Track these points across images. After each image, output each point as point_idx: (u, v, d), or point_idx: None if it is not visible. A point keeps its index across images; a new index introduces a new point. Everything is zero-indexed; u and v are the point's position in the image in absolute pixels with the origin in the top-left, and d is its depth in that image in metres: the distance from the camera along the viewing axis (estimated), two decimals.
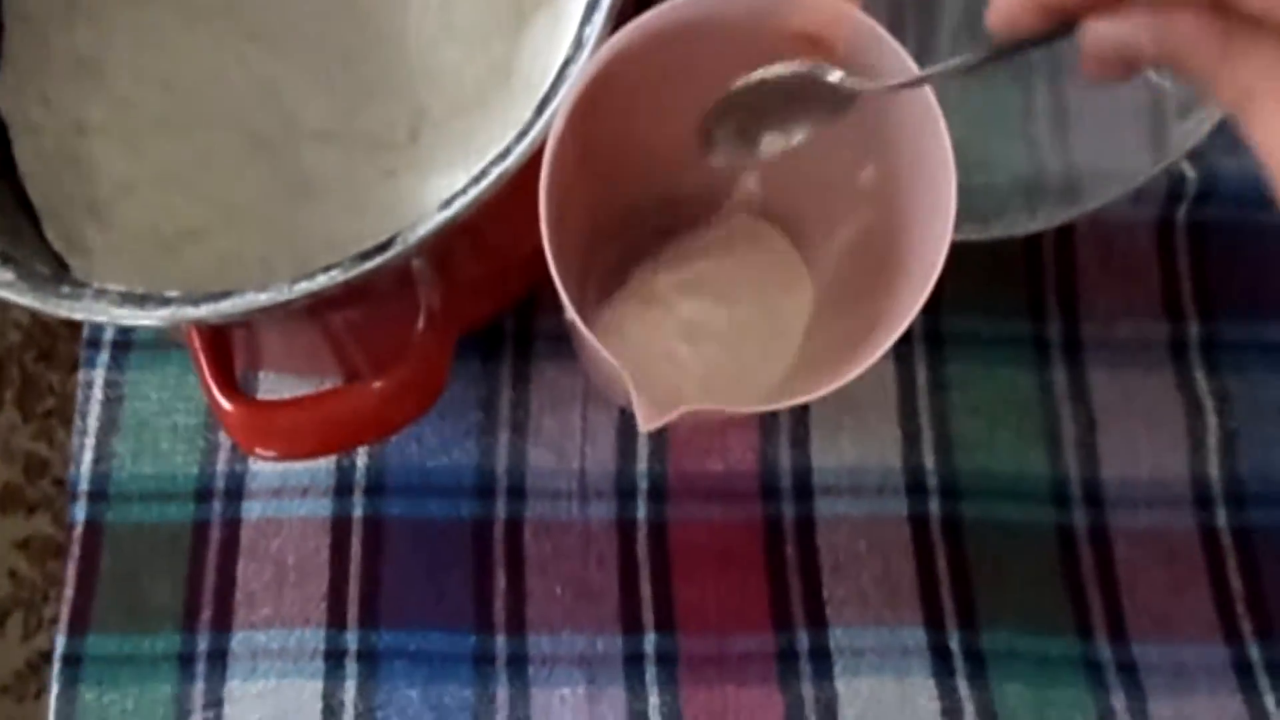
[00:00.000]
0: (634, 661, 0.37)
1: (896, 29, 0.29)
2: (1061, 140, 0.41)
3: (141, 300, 0.27)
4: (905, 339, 0.40)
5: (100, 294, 0.28)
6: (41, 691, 0.77)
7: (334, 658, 0.37)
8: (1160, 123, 0.39)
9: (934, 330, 0.40)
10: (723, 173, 0.37)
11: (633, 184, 0.37)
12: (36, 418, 0.81)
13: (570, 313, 0.27)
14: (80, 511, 0.39)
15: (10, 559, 0.78)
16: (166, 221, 0.37)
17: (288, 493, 0.39)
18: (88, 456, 0.40)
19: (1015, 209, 0.39)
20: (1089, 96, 0.41)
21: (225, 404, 0.29)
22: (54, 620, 0.84)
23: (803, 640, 0.37)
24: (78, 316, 0.27)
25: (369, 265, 0.27)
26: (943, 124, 0.28)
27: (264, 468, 0.39)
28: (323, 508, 0.39)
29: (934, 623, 0.37)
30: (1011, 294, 0.41)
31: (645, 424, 0.25)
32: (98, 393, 0.40)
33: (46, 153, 0.37)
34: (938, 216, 0.28)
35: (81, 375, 0.40)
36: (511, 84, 0.36)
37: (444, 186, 0.35)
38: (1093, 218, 0.40)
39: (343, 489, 0.39)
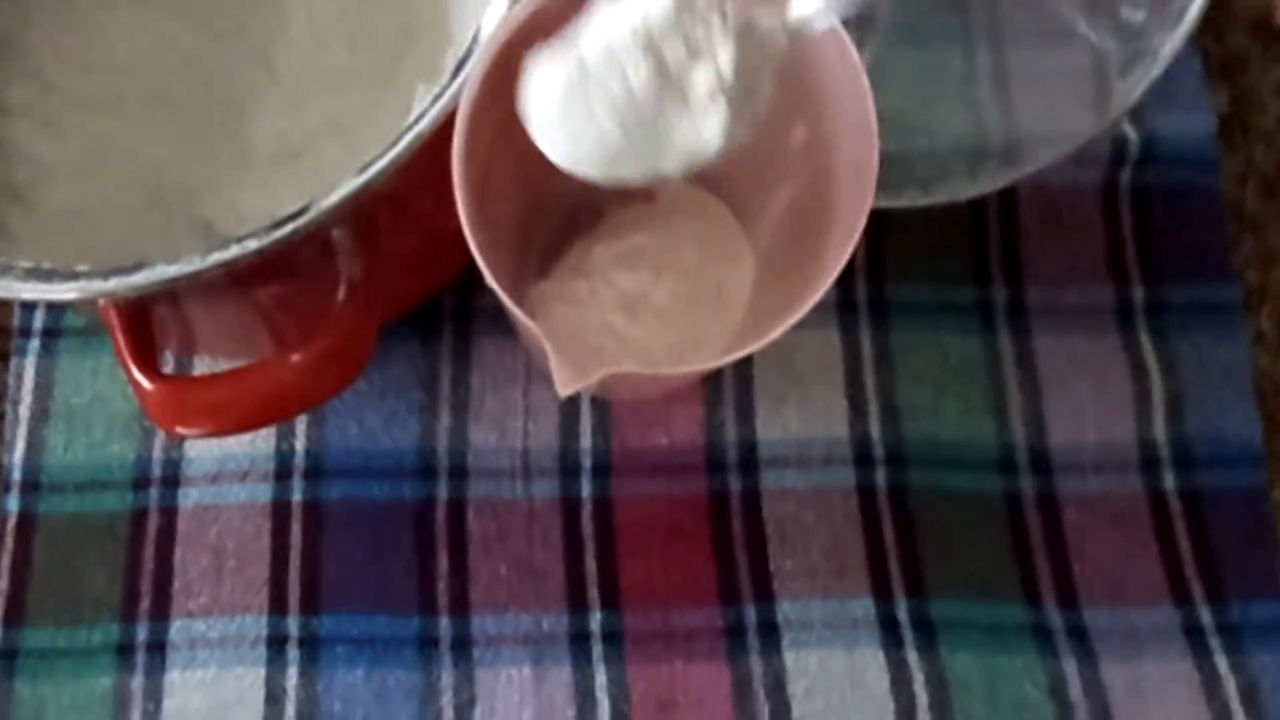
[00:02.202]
0: (580, 640, 0.37)
1: None
2: (1004, 104, 0.40)
3: (48, 275, 0.27)
4: (849, 308, 0.40)
5: (6, 269, 0.27)
6: None
7: (276, 644, 0.37)
8: (1103, 84, 0.39)
9: (879, 298, 0.40)
10: None
11: None
12: None
13: (489, 279, 0.27)
14: (13, 503, 0.38)
15: None
16: (91, 204, 0.36)
17: (226, 478, 0.38)
18: (19, 446, 0.39)
19: (958, 174, 0.38)
20: (1031, 59, 0.41)
21: (144, 382, 0.29)
22: None
23: (750, 614, 0.37)
24: None
25: (281, 233, 0.26)
26: (864, 77, 0.28)
27: (201, 453, 0.39)
28: (262, 493, 0.38)
29: (882, 594, 0.37)
30: (956, 261, 0.40)
31: (562, 387, 0.25)
32: (29, 381, 0.39)
33: None
34: (861, 172, 0.27)
35: (12, 364, 0.39)
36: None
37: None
38: (1036, 182, 0.40)
39: (282, 473, 0.38)
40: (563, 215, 0.39)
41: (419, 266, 0.36)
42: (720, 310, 0.36)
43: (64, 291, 0.27)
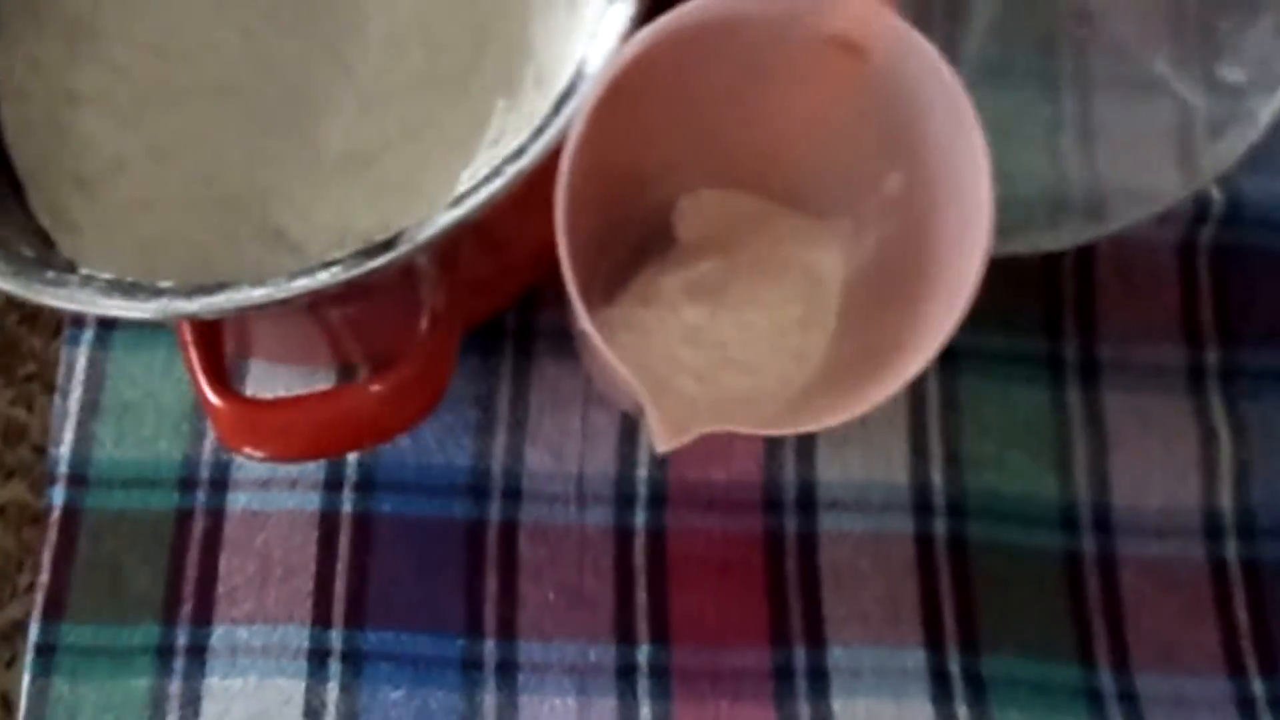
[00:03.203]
0: (626, 673, 0.36)
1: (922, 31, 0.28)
2: (1087, 154, 0.40)
3: (131, 290, 0.26)
4: None
5: (87, 281, 0.26)
6: (14, 660, 0.76)
7: (317, 657, 0.36)
8: (1190, 142, 0.38)
9: (948, 346, 0.39)
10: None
11: (648, 184, 0.36)
12: (17, 382, 0.79)
13: (584, 323, 0.26)
14: (58, 496, 0.38)
15: None
16: (157, 199, 0.35)
17: (275, 484, 0.38)
18: (68, 438, 0.38)
19: (1038, 224, 0.38)
20: (1117, 110, 0.40)
21: (215, 400, 0.28)
22: (29, 589, 0.83)
23: (800, 658, 0.36)
24: (62, 305, 0.26)
25: (372, 265, 0.26)
26: (979, 132, 0.27)
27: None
28: (311, 501, 0.38)
29: (935, 645, 0.36)
30: (1028, 311, 0.40)
31: (662, 445, 0.24)
32: (80, 373, 0.39)
33: (33, 120, 0.35)
34: (970, 233, 0.27)
35: (65, 352, 0.39)
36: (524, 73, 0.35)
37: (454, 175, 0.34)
38: (1114, 237, 0.39)
39: (332, 483, 0.38)
40: (634, 239, 0.38)
41: (489, 289, 0.36)
42: (795, 350, 0.35)
43: (145, 310, 0.26)
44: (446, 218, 0.26)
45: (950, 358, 0.39)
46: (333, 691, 0.36)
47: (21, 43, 0.35)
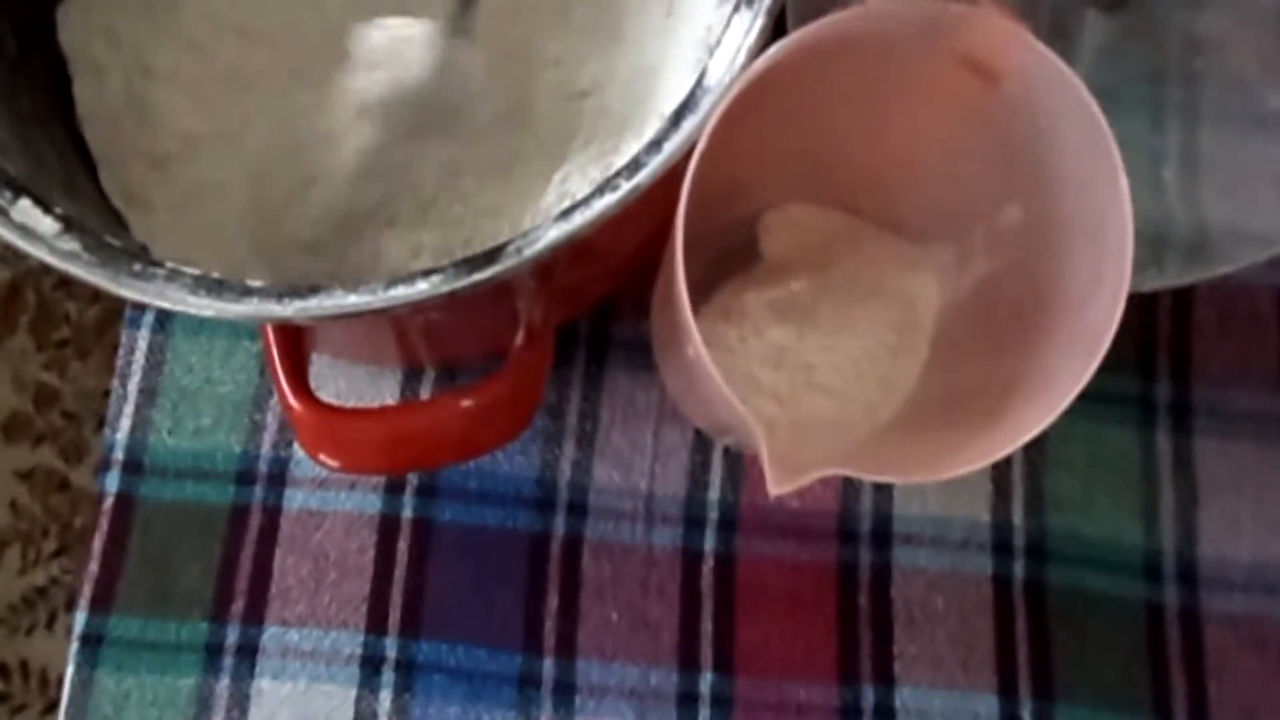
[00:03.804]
0: (688, 701, 0.35)
1: None
2: (1191, 189, 0.38)
3: (219, 288, 0.25)
4: None
5: (174, 276, 0.25)
6: (34, 627, 0.75)
7: (370, 665, 0.35)
8: None
9: None
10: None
11: (738, 196, 0.35)
12: (50, 346, 0.78)
13: (698, 348, 0.25)
14: (113, 482, 0.37)
15: (12, 489, 0.76)
16: (228, 181, 0.34)
17: (334, 484, 0.37)
18: (125, 424, 0.37)
19: (1139, 261, 0.36)
20: (1226, 144, 0.38)
21: (296, 404, 0.27)
22: (54, 555, 0.82)
23: (868, 696, 0.35)
24: (148, 300, 0.25)
25: (476, 277, 0.24)
26: (1122, 170, 0.26)
27: None
28: (370, 504, 0.36)
29: (1008, 692, 0.35)
30: (1121, 349, 0.38)
31: (775, 488, 0.23)
32: (140, 357, 0.37)
33: (110, 96, 0.34)
34: (1108, 277, 0.25)
35: (124, 335, 0.38)
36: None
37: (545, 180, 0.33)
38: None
39: (393, 486, 0.37)
40: (714, 252, 0.36)
41: (572, 297, 0.34)
42: (883, 378, 0.34)
43: (235, 311, 0.24)
44: (556, 231, 0.25)
45: None
46: (385, 701, 0.35)
47: (99, 14, 0.34)
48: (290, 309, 0.24)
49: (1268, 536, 0.37)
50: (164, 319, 0.38)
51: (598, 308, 0.37)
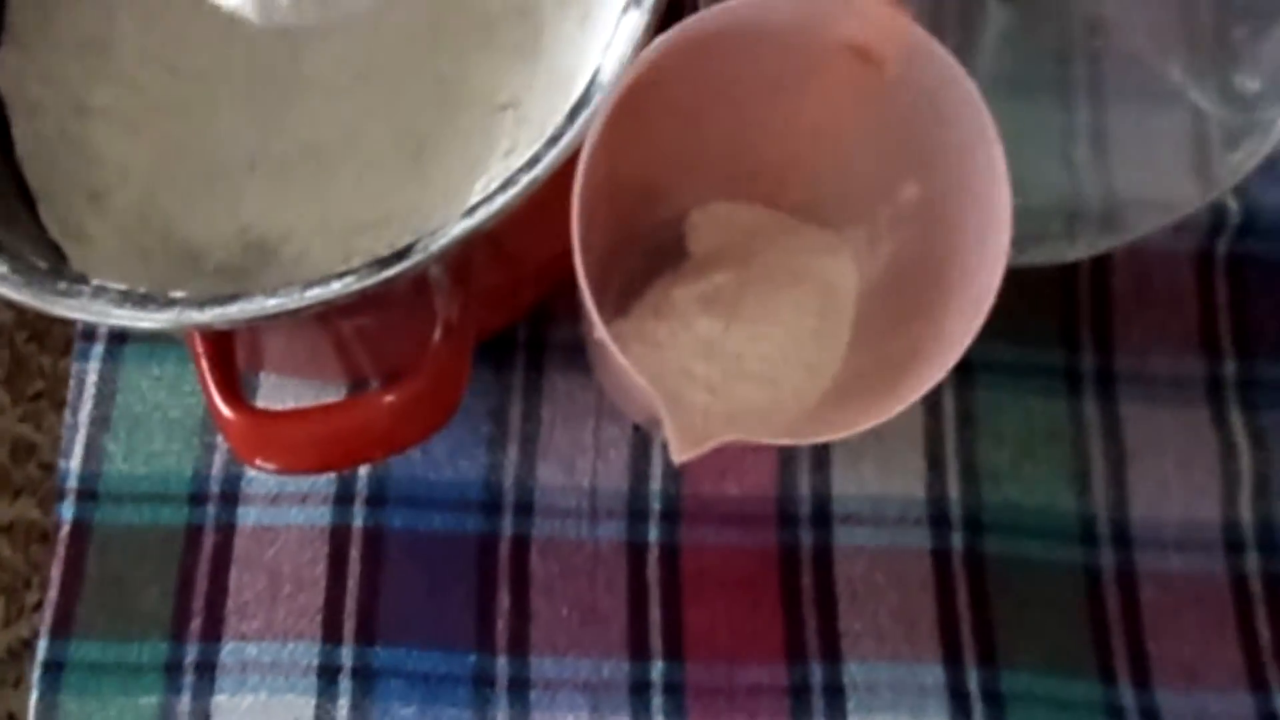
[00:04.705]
0: (640, 690, 0.36)
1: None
2: (1102, 164, 0.39)
3: (143, 301, 0.26)
4: None
5: (99, 292, 0.26)
6: (20, 680, 0.75)
7: (328, 674, 0.36)
8: (1205, 151, 0.38)
9: (963, 357, 0.38)
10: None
11: (660, 196, 0.36)
12: (25, 400, 0.79)
13: (600, 332, 0.26)
14: (68, 510, 0.37)
15: None
16: (169, 210, 0.35)
17: (286, 499, 0.37)
18: (77, 453, 0.38)
19: (1053, 235, 0.37)
20: (1132, 120, 0.40)
21: (227, 412, 0.28)
22: (36, 607, 0.82)
23: (816, 674, 0.36)
24: (74, 316, 0.26)
25: (386, 274, 0.26)
26: (998, 142, 0.27)
27: (261, 473, 0.38)
28: (321, 516, 0.37)
29: (952, 661, 0.36)
30: (1044, 323, 0.39)
31: (679, 455, 0.24)
32: (90, 387, 0.38)
33: (46, 134, 0.35)
34: (989, 244, 0.26)
35: (75, 367, 0.39)
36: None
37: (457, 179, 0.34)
38: (1130, 247, 0.39)
39: (343, 498, 0.37)
40: (646, 252, 0.38)
41: (502, 301, 0.35)
42: (810, 362, 0.35)
43: (157, 320, 0.26)
44: (460, 227, 0.26)
45: (966, 370, 0.39)
46: (343, 709, 0.36)
47: (35, 57, 0.35)
48: (210, 315, 0.26)
49: (1196, 495, 0.38)
50: (113, 350, 0.39)
51: (533, 312, 0.39)
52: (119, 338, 0.39)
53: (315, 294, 0.26)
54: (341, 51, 0.38)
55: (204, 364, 0.28)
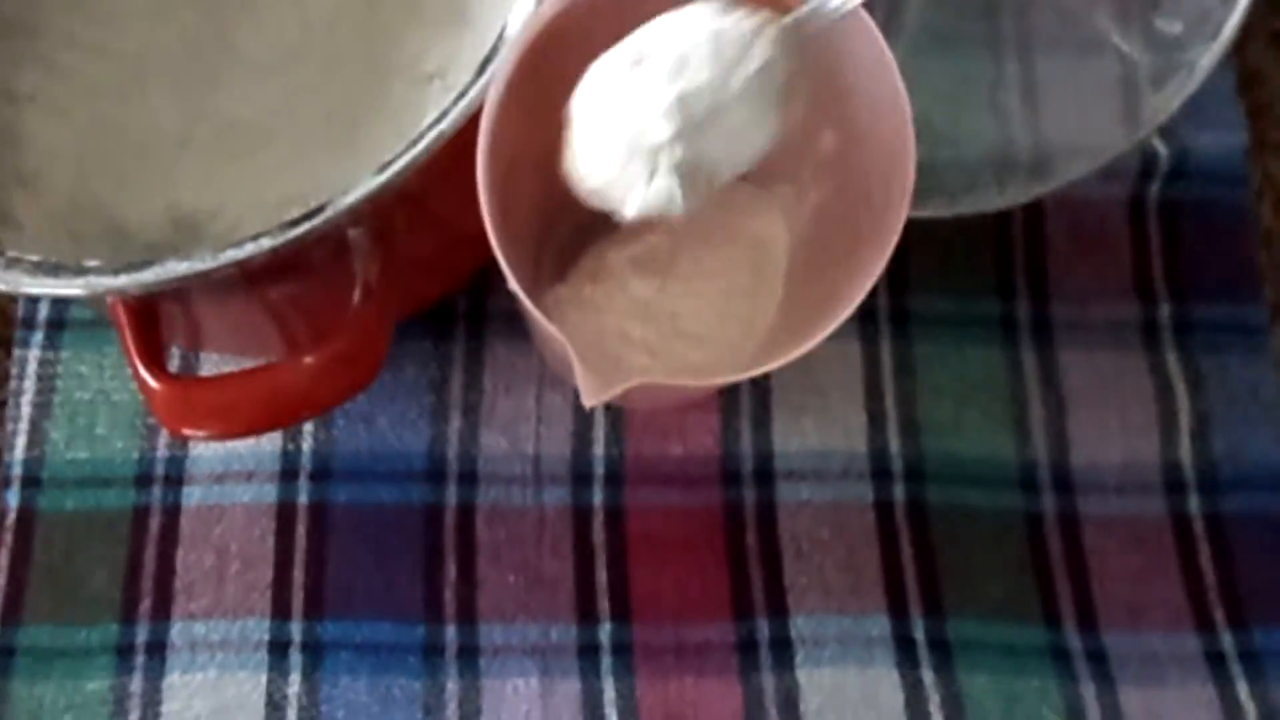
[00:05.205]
0: (589, 652, 0.36)
1: None
2: (1032, 114, 0.40)
3: (55, 269, 0.26)
4: (870, 319, 0.39)
5: (13, 263, 0.26)
6: None
7: (278, 649, 0.36)
8: (1132, 96, 0.38)
9: (900, 310, 0.39)
10: None
11: None
12: None
13: (512, 283, 0.26)
14: (13, 498, 0.37)
15: None
16: (99, 191, 0.35)
17: (231, 478, 0.38)
18: (20, 441, 0.38)
19: (984, 185, 0.38)
20: (1060, 69, 0.40)
21: (151, 381, 0.28)
22: None
23: (763, 629, 0.36)
24: None
25: (297, 232, 0.26)
26: (899, 80, 0.27)
27: (205, 452, 0.38)
28: (267, 494, 0.37)
29: (898, 611, 0.36)
30: (980, 273, 0.39)
31: (588, 399, 0.24)
32: (32, 375, 0.38)
33: None
34: (895, 183, 0.27)
35: (15, 356, 0.39)
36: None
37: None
38: (1063, 195, 0.39)
39: (288, 474, 0.38)
40: (581, 216, 0.38)
41: (434, 267, 0.36)
42: (744, 318, 0.35)
43: (71, 287, 0.26)
44: (369, 184, 0.26)
45: (903, 322, 0.39)
46: (295, 684, 0.36)
47: None
48: (123, 280, 0.26)
49: (1135, 438, 0.38)
50: (53, 337, 0.39)
51: (471, 282, 0.39)
52: (58, 324, 0.39)
53: (228, 255, 0.26)
54: (271, 28, 0.38)
55: (127, 334, 0.28)
